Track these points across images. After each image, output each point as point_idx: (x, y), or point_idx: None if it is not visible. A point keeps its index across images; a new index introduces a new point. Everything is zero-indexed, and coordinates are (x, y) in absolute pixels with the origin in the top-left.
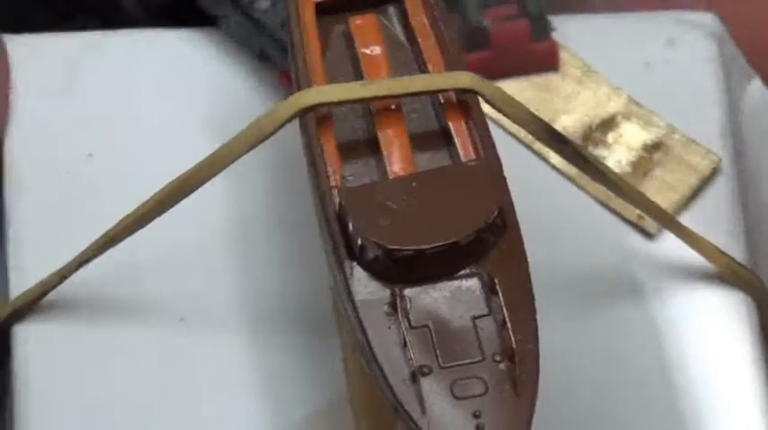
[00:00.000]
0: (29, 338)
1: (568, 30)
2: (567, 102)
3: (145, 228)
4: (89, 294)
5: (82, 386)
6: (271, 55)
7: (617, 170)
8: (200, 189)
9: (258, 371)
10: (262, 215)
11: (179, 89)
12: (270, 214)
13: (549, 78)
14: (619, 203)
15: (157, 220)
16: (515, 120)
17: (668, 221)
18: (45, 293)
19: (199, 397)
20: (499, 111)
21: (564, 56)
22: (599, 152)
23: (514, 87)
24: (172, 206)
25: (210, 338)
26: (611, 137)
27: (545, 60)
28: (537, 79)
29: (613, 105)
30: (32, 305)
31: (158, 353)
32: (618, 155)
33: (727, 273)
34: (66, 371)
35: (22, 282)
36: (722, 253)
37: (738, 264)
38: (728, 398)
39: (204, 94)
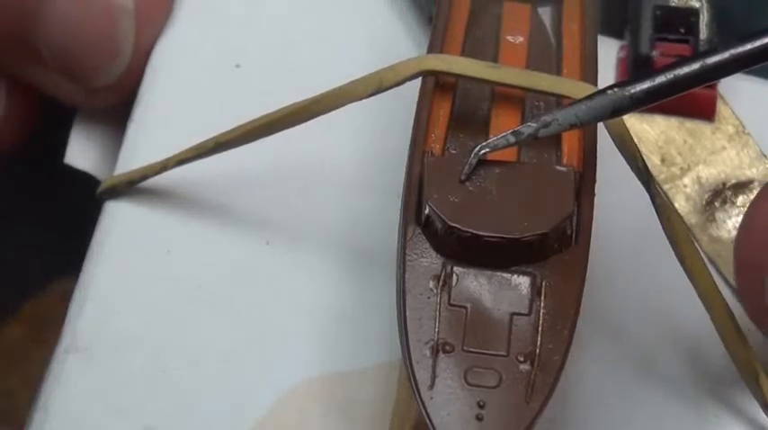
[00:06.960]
0: (116, 215)
1: (737, 87)
2: (710, 154)
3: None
4: (185, 192)
5: (152, 274)
6: None
7: (735, 232)
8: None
9: (327, 312)
10: (369, 154)
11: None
12: (379, 154)
13: (701, 127)
14: (727, 265)
15: (272, 142)
16: (619, 148)
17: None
18: (144, 178)
19: (261, 322)
20: (609, 132)
21: (723, 110)
22: (725, 209)
23: (663, 124)
24: (278, 131)
25: (289, 268)
26: (740, 199)
27: (702, 108)
28: (688, 124)
29: (754, 171)
30: (128, 186)
31: (236, 269)
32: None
33: None
34: (140, 255)
35: (128, 164)
36: None
37: None
38: None
39: (367, 22)
